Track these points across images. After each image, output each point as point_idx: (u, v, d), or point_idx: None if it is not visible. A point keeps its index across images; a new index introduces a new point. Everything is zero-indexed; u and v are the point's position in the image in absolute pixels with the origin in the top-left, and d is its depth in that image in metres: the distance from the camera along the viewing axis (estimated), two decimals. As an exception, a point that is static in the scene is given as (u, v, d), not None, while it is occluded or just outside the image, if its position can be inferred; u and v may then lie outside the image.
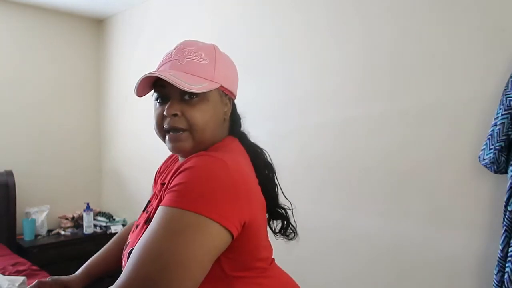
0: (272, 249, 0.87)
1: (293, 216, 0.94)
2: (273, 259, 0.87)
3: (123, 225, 3.17)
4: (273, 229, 0.93)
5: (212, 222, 0.63)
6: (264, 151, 0.91)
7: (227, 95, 0.84)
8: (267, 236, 0.84)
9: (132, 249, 0.70)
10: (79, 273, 1.01)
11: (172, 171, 0.71)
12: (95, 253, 1.10)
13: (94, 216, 3.17)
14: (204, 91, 0.76)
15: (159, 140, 0.84)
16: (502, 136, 1.30)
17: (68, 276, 0.99)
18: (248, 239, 0.71)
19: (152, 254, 0.61)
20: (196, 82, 0.75)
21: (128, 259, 0.69)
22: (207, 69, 0.78)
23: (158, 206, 0.69)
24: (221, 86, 0.80)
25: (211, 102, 0.79)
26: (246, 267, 0.74)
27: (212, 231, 0.64)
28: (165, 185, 0.71)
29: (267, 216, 0.87)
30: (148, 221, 0.75)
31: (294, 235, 0.94)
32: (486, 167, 1.35)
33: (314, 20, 1.95)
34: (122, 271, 0.66)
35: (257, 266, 0.77)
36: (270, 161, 0.91)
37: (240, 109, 0.94)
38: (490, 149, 1.33)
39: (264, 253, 0.79)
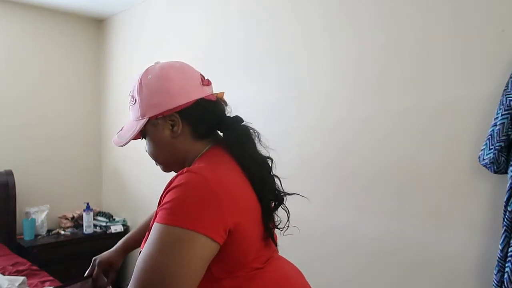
0: (271, 248, 0.88)
1: (287, 208, 0.92)
2: (272, 257, 0.87)
3: (123, 225, 3.17)
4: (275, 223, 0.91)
5: (199, 235, 0.70)
6: (251, 146, 0.89)
7: (164, 116, 0.86)
8: (261, 237, 0.84)
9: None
10: (117, 248, 1.19)
11: (164, 189, 0.78)
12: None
13: (94, 216, 3.17)
14: (128, 141, 0.88)
15: None
16: (502, 136, 1.30)
17: (108, 252, 1.17)
18: (234, 244, 0.76)
19: (151, 268, 0.70)
20: (129, 129, 0.89)
21: None
22: (135, 110, 0.89)
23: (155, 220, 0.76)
24: (149, 118, 0.86)
25: (149, 135, 0.90)
26: (234, 269, 0.79)
27: (200, 242, 0.71)
28: (159, 201, 0.77)
29: (268, 211, 0.87)
30: (149, 229, 0.78)
31: (286, 225, 0.92)
32: (486, 167, 1.35)
33: (311, 21, 1.95)
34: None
35: (247, 267, 0.80)
36: (257, 156, 0.89)
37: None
38: (490, 149, 1.32)
39: (255, 255, 0.82)
